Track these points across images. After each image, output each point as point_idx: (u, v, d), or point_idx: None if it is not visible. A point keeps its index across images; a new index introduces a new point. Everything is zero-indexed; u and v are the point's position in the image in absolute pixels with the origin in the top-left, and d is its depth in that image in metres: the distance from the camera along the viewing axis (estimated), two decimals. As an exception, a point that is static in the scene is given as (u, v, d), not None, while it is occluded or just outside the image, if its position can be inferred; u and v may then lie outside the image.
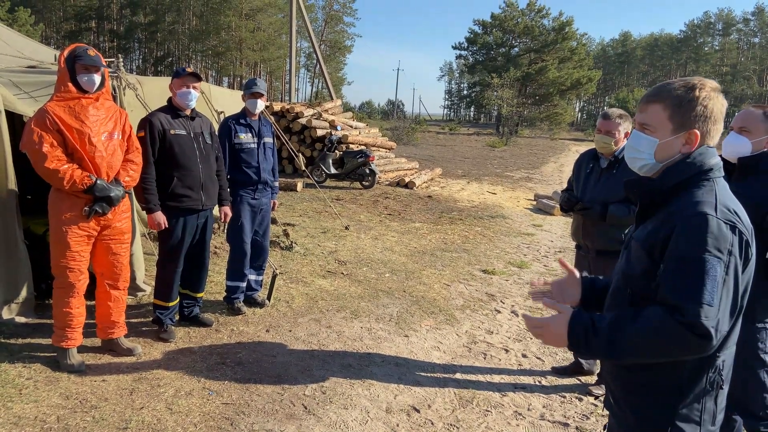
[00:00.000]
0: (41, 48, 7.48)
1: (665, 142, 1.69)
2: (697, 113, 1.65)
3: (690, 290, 1.51)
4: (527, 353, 4.53)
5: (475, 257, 7.41)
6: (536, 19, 53.99)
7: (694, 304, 1.49)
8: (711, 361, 1.62)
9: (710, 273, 1.50)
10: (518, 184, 15.64)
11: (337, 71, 70.94)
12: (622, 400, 1.77)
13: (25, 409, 3.27)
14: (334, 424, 3.34)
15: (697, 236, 1.53)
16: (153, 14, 68.35)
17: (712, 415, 1.66)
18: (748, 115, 2.76)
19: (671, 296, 1.54)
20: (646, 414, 1.69)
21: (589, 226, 3.79)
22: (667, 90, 1.69)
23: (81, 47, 3.62)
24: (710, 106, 1.65)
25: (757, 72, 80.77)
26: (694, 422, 1.64)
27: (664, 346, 1.54)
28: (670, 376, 1.64)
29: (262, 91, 4.78)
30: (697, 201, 1.59)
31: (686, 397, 1.63)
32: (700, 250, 1.52)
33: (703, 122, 1.66)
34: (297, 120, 14.04)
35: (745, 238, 1.56)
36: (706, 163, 1.66)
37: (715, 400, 1.66)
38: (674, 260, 1.56)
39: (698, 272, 1.51)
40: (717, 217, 1.54)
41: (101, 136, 3.62)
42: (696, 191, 1.63)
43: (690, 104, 1.65)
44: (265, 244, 5.13)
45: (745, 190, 2.64)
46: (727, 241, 1.53)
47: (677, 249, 1.56)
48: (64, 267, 3.64)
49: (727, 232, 1.53)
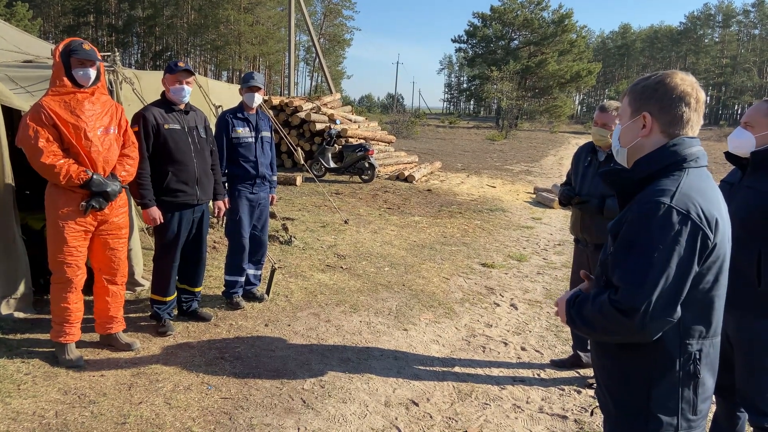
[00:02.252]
0: (38, 42, 7.45)
1: (625, 126, 1.79)
2: (648, 95, 1.71)
3: (625, 273, 1.58)
4: (526, 346, 4.53)
5: (474, 251, 7.41)
6: (536, 12, 53.69)
7: (625, 284, 1.57)
8: (682, 350, 1.65)
9: (646, 258, 1.55)
10: (518, 177, 15.62)
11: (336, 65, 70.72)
12: (605, 387, 1.82)
13: (23, 404, 3.27)
14: (333, 418, 3.34)
15: (642, 222, 1.59)
16: (151, 8, 68.07)
17: (691, 405, 1.68)
18: (754, 110, 2.74)
19: (614, 277, 1.62)
20: (624, 400, 1.75)
21: (587, 219, 3.78)
22: (636, 81, 1.80)
23: (76, 41, 3.59)
24: (669, 90, 1.68)
25: (757, 64, 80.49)
26: (670, 411, 1.67)
27: (606, 325, 1.63)
28: (643, 363, 1.68)
29: (259, 85, 4.76)
30: (658, 189, 1.63)
31: (659, 385, 1.67)
32: (640, 236, 1.58)
33: (654, 104, 1.70)
34: (296, 114, 14.01)
35: (700, 227, 1.56)
36: (680, 153, 1.67)
37: (695, 390, 1.68)
38: (620, 243, 1.64)
39: (635, 255, 1.58)
40: (670, 204, 1.56)
41: (97, 130, 3.60)
42: (663, 180, 1.66)
43: (645, 89, 1.73)
44: (263, 239, 5.12)
45: (759, 184, 2.63)
46: (672, 229, 1.55)
47: (624, 233, 1.64)
48: (62, 262, 3.63)
49: (675, 219, 1.55)
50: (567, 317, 1.76)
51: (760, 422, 2.65)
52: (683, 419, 1.67)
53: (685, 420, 1.68)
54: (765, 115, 2.68)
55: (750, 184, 2.67)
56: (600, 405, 1.88)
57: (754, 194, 2.61)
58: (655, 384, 1.67)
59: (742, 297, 2.57)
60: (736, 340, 2.67)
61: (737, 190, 2.68)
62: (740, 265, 2.51)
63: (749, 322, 2.61)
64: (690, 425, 1.69)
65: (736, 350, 2.68)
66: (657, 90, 1.69)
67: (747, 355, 2.66)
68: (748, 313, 2.59)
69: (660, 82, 1.70)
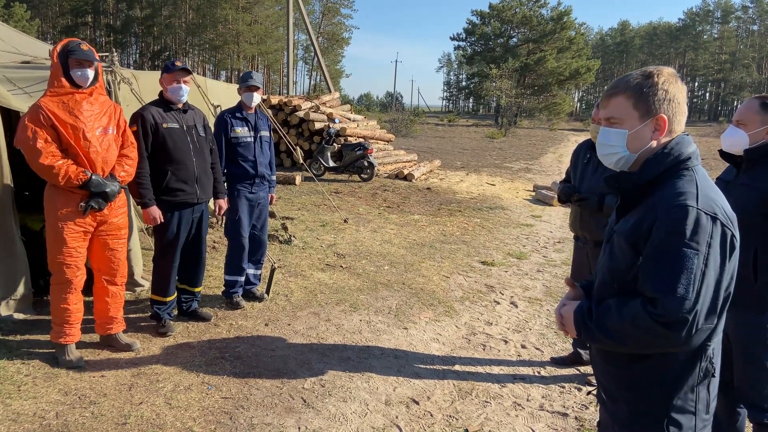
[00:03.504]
0: (36, 43, 7.43)
1: (635, 131, 1.68)
2: (660, 98, 1.65)
3: (664, 283, 1.51)
4: (526, 344, 4.53)
5: (474, 249, 7.41)
6: (534, 9, 53.70)
7: (667, 296, 1.49)
8: (702, 351, 1.61)
9: (687, 265, 1.49)
10: (517, 175, 15.61)
11: (335, 63, 70.69)
12: (614, 395, 1.76)
13: (24, 405, 3.27)
14: (334, 417, 3.34)
15: (675, 228, 1.52)
16: (149, 8, 68.08)
17: (706, 404, 1.66)
18: (745, 108, 2.75)
19: (647, 288, 1.55)
20: (640, 408, 1.69)
21: (586, 217, 3.78)
22: (626, 81, 1.70)
23: (74, 42, 3.59)
24: (671, 90, 1.66)
25: (756, 60, 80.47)
26: (689, 412, 1.64)
27: (640, 338, 1.56)
28: (662, 369, 1.63)
29: (257, 84, 4.75)
30: (679, 192, 1.58)
31: (680, 389, 1.63)
32: (677, 242, 1.51)
33: (667, 106, 1.66)
34: (295, 113, 14.01)
35: (726, 227, 1.55)
36: (683, 152, 1.65)
37: (708, 389, 1.66)
38: (652, 252, 1.56)
39: (674, 264, 1.50)
40: (698, 208, 1.52)
41: (96, 131, 3.60)
42: (677, 182, 1.62)
43: (651, 90, 1.65)
44: (263, 238, 5.12)
45: (753, 181, 2.64)
46: (706, 233, 1.51)
47: (656, 240, 1.56)
48: (61, 263, 3.63)
49: (707, 223, 1.51)
50: (581, 330, 1.68)
51: (760, 418, 2.66)
52: (699, 419, 1.65)
53: (701, 420, 1.66)
54: (756, 113, 2.69)
55: (745, 181, 2.68)
56: (608, 413, 1.81)
57: (749, 192, 2.62)
58: (674, 387, 1.63)
59: (739, 294, 2.57)
60: (734, 336, 2.68)
61: (733, 188, 2.69)
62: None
63: (747, 318, 2.63)
64: (704, 424, 1.67)
65: (735, 347, 2.69)
66: (668, 91, 1.64)
67: (745, 352, 2.67)
68: (745, 310, 2.60)
69: (666, 81, 1.65)
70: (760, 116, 2.68)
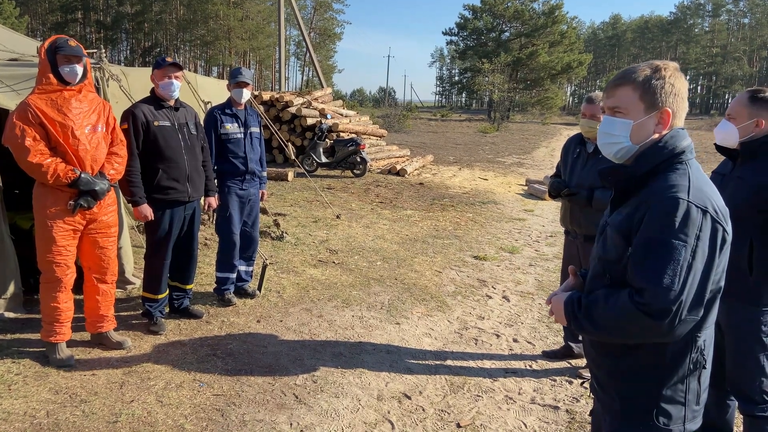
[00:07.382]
0: (25, 40, 7.38)
1: (639, 122, 1.70)
2: (667, 91, 1.67)
3: (651, 273, 1.53)
4: (518, 338, 4.55)
5: (466, 243, 7.42)
6: (526, 3, 53.63)
7: (653, 287, 1.52)
8: (693, 342, 1.63)
9: (674, 256, 1.51)
10: (510, 169, 15.64)
11: (327, 59, 70.52)
12: (607, 386, 1.78)
13: (14, 404, 3.26)
14: (326, 413, 3.35)
15: (664, 220, 1.54)
16: (140, 4, 67.59)
17: (696, 395, 1.68)
18: (735, 102, 2.77)
19: (635, 279, 1.57)
20: (632, 398, 1.71)
21: (576, 211, 3.79)
22: (633, 72, 1.71)
23: (62, 38, 3.56)
24: (677, 84, 1.68)
25: (747, 53, 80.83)
26: (678, 403, 1.66)
27: (625, 327, 1.59)
28: (653, 359, 1.65)
29: (247, 81, 4.73)
30: (671, 185, 1.60)
31: (670, 379, 1.65)
32: (665, 234, 1.53)
33: (672, 100, 1.68)
34: (287, 109, 13.96)
35: (717, 222, 1.56)
36: (678, 146, 1.67)
37: (699, 380, 1.68)
38: (641, 243, 1.58)
39: (662, 255, 1.52)
40: (689, 201, 1.54)
41: (84, 128, 3.58)
42: (670, 175, 1.63)
43: (659, 83, 1.67)
44: (254, 235, 5.11)
45: (749, 175, 2.65)
46: (695, 226, 1.53)
47: (645, 231, 1.58)
48: (51, 262, 3.61)
49: (697, 216, 1.53)
50: (570, 319, 1.71)
51: (750, 410, 2.68)
52: (689, 410, 1.67)
53: (691, 411, 1.68)
54: (745, 106, 2.71)
55: (741, 174, 2.69)
56: (601, 403, 1.84)
57: (745, 185, 2.64)
58: (665, 378, 1.65)
59: (734, 285, 2.59)
60: (727, 328, 2.70)
61: (728, 181, 2.71)
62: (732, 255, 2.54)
63: (740, 310, 2.65)
64: (694, 415, 1.69)
65: (727, 338, 2.71)
66: (674, 85, 1.66)
67: (738, 344, 2.69)
68: (739, 301, 2.63)
69: (672, 75, 1.67)
70: (748, 109, 2.70)
